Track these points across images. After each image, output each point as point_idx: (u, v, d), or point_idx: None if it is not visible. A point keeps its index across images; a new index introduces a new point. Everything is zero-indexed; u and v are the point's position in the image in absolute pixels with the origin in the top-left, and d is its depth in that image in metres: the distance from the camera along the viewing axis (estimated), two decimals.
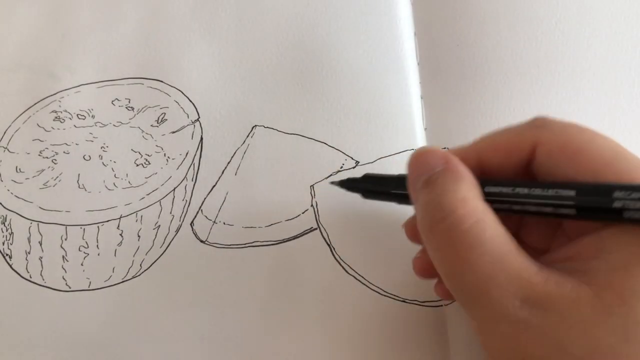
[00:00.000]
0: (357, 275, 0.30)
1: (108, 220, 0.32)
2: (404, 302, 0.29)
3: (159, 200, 0.33)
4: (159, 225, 0.32)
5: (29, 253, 0.32)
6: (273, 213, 0.32)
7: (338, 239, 0.31)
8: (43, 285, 0.31)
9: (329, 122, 0.34)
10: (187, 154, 0.34)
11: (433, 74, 0.35)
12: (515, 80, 0.33)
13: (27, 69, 0.37)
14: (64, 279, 0.31)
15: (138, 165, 0.33)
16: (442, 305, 0.29)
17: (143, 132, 0.34)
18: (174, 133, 0.34)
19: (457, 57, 0.35)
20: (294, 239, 0.31)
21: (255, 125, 0.34)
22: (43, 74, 0.37)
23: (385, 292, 0.29)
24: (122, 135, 0.34)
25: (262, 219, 0.32)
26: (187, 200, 0.33)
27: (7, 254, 0.32)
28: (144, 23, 0.38)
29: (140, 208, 0.32)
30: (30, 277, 0.32)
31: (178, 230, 0.32)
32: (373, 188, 0.27)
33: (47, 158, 0.34)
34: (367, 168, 0.32)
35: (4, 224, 0.33)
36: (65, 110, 0.35)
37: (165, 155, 0.34)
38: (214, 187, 0.33)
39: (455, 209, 0.21)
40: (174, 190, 0.33)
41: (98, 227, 0.32)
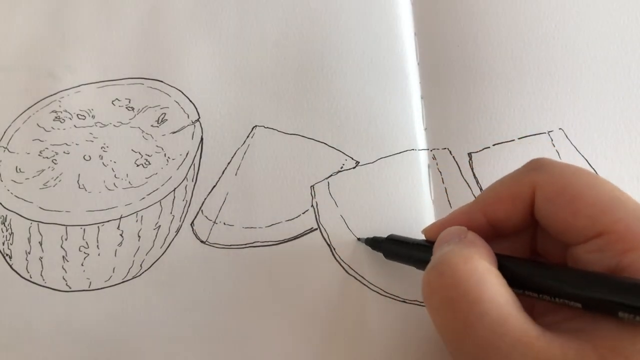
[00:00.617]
0: (357, 275, 0.30)
1: (108, 221, 0.32)
2: (404, 302, 0.29)
3: (159, 201, 0.33)
4: (159, 226, 0.32)
5: (29, 253, 0.32)
6: (273, 213, 0.32)
7: (338, 239, 0.31)
8: (43, 286, 0.31)
9: (329, 122, 0.34)
10: (187, 154, 0.34)
11: (433, 74, 0.35)
12: (515, 80, 0.33)
13: (27, 69, 0.37)
14: (64, 279, 0.31)
15: (138, 166, 0.33)
16: None
17: (143, 132, 0.34)
18: (174, 133, 0.34)
19: (457, 57, 0.35)
20: (294, 239, 0.31)
21: (256, 126, 0.34)
22: (43, 74, 0.37)
23: (385, 292, 0.29)
24: (122, 136, 0.34)
25: (262, 219, 0.32)
26: (187, 201, 0.33)
27: (7, 254, 0.32)
28: (144, 23, 0.38)
29: (141, 208, 0.32)
30: (31, 277, 0.32)
31: (178, 231, 0.32)
32: (395, 250, 0.28)
33: (47, 158, 0.34)
34: (367, 168, 0.32)
35: (4, 224, 0.33)
36: (65, 110, 0.35)
37: (166, 156, 0.34)
38: (214, 187, 0.33)
39: (457, 266, 0.21)
40: (174, 191, 0.33)
41: (98, 227, 0.32)
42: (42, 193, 0.33)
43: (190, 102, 0.35)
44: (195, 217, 0.32)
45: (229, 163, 0.33)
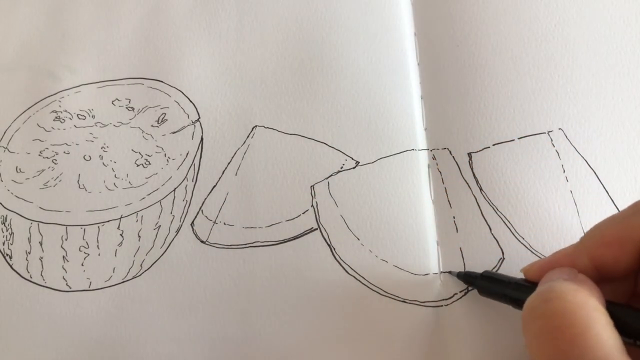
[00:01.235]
0: (357, 275, 0.30)
1: (108, 221, 0.32)
2: (404, 302, 0.29)
3: (160, 201, 0.33)
4: (160, 226, 0.32)
5: (29, 253, 0.32)
6: (273, 213, 0.32)
7: (338, 239, 0.31)
8: (43, 286, 0.31)
9: (329, 122, 0.34)
10: (187, 154, 0.34)
11: (433, 74, 0.35)
12: (515, 81, 0.33)
13: (27, 69, 0.37)
14: (64, 279, 0.31)
15: (138, 166, 0.33)
16: (442, 306, 0.29)
17: (143, 132, 0.34)
18: (175, 133, 0.34)
19: (457, 57, 0.35)
20: (294, 239, 0.31)
21: (256, 126, 0.34)
22: (43, 74, 0.37)
23: (385, 292, 0.29)
24: (122, 136, 0.34)
25: (262, 219, 0.32)
26: (187, 201, 0.33)
27: (7, 254, 0.32)
28: (144, 23, 0.38)
29: (141, 208, 0.32)
30: (31, 277, 0.32)
31: (178, 231, 0.32)
32: (491, 289, 0.27)
33: (47, 158, 0.34)
34: (367, 168, 0.32)
35: (4, 224, 0.33)
36: (66, 110, 0.35)
37: (166, 156, 0.34)
38: (214, 187, 0.33)
39: (566, 295, 0.20)
40: (175, 191, 0.33)
41: (98, 227, 0.32)
42: (42, 193, 0.33)
43: (190, 102, 0.35)
44: (196, 217, 0.32)
45: (229, 163, 0.33)
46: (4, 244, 0.32)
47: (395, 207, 0.31)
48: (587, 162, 0.31)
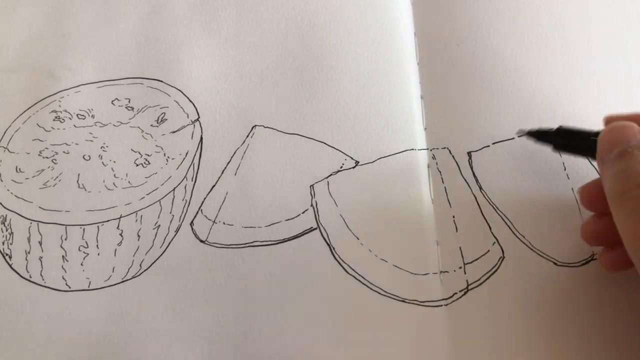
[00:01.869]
0: (357, 275, 0.30)
1: (108, 220, 0.32)
2: (404, 302, 0.29)
3: (159, 200, 0.33)
4: (159, 225, 0.32)
5: (29, 253, 0.32)
6: (273, 213, 0.32)
7: (338, 239, 0.31)
8: (43, 285, 0.31)
9: (329, 122, 0.34)
10: (187, 154, 0.34)
11: (433, 74, 0.35)
12: (515, 80, 0.33)
13: (27, 69, 0.37)
14: (64, 279, 0.31)
15: (138, 165, 0.33)
16: (442, 306, 0.29)
17: (143, 132, 0.34)
18: (174, 133, 0.34)
19: (457, 56, 0.35)
20: (294, 239, 0.31)
21: (255, 125, 0.34)
22: (43, 74, 0.37)
23: (385, 292, 0.29)
24: (122, 135, 0.34)
25: (262, 219, 0.32)
26: (187, 200, 0.33)
27: (7, 254, 0.32)
28: (144, 23, 0.38)
29: (140, 208, 0.32)
30: (30, 277, 0.32)
31: (178, 230, 0.32)
32: (565, 142, 0.28)
33: (47, 158, 0.34)
34: (367, 168, 0.32)
35: (4, 224, 0.33)
36: (65, 110, 0.35)
37: (165, 155, 0.34)
38: (214, 187, 0.33)
39: None
40: (174, 190, 0.33)
41: (98, 227, 0.32)
42: (42, 193, 0.33)
43: (190, 101, 0.35)
44: (195, 216, 0.32)
45: (229, 163, 0.33)
46: (4, 244, 0.32)
47: (395, 206, 0.31)
48: (588, 160, 0.31)
